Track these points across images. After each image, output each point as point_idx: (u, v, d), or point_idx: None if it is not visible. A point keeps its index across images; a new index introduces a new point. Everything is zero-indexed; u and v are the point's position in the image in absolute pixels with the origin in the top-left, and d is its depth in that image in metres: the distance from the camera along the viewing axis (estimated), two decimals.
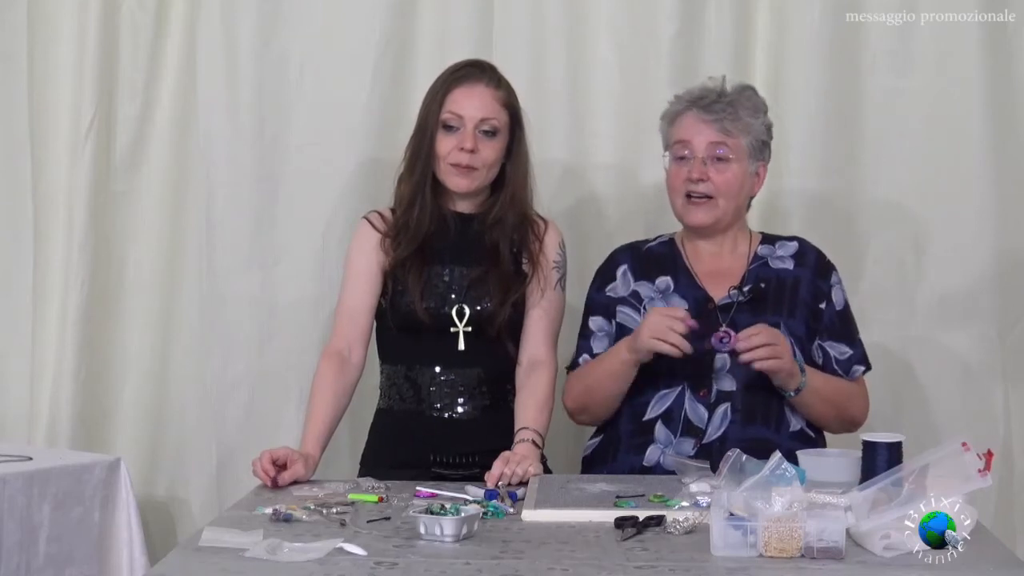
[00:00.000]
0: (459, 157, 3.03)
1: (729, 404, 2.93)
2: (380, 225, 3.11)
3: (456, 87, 3.05)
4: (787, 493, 2.25)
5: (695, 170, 3.00)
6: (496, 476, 2.76)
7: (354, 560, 2.22)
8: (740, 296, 2.99)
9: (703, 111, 3.02)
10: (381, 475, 2.91)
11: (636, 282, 3.07)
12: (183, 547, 2.36)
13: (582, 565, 2.20)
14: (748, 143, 3.02)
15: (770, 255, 3.08)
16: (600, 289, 3.11)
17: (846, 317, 3.08)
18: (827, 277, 3.07)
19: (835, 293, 3.07)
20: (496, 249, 3.06)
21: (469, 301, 3.03)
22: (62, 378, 3.59)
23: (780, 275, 3.04)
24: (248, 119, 3.59)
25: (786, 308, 3.00)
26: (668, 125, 3.09)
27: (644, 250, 3.14)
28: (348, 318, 3.08)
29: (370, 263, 3.08)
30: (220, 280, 3.61)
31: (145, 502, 3.48)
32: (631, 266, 3.10)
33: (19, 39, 3.63)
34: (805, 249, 3.10)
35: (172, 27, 3.62)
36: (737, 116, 3.01)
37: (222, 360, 3.62)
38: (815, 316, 3.02)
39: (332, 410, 3.00)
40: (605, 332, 3.07)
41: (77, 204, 3.58)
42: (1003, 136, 3.52)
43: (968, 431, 3.28)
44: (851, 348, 3.05)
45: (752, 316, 2.95)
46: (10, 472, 3.05)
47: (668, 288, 3.05)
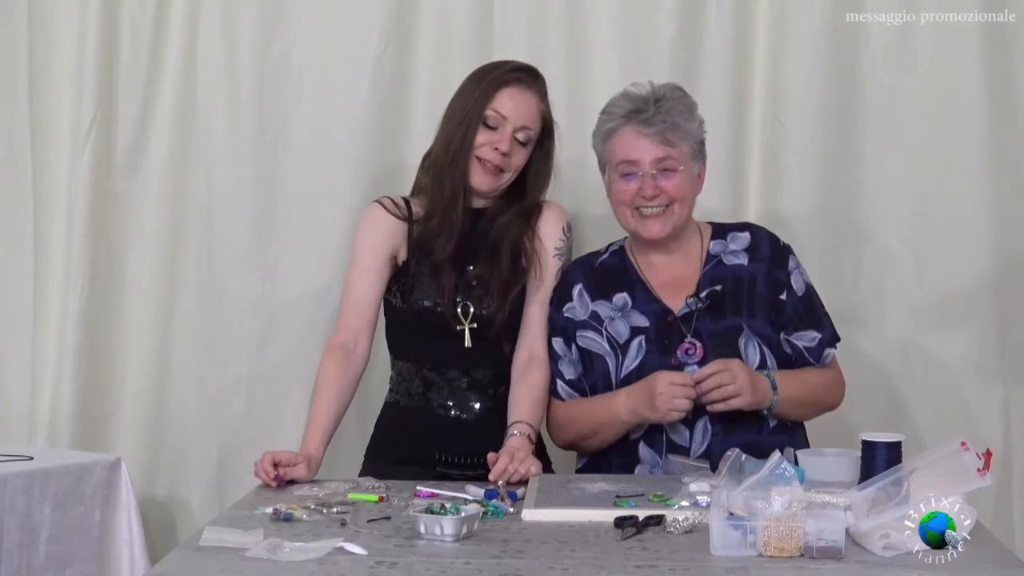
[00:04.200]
0: (491, 155, 3.02)
1: (706, 417, 2.90)
2: (394, 210, 3.09)
3: (506, 87, 3.03)
4: (786, 493, 2.25)
5: (647, 187, 2.95)
6: (500, 470, 2.76)
7: (354, 560, 2.22)
8: (698, 303, 2.96)
9: (642, 125, 2.95)
10: (385, 469, 2.91)
11: (593, 302, 3.03)
12: (183, 547, 2.36)
13: (582, 565, 2.20)
14: (689, 147, 2.99)
15: (723, 252, 3.04)
16: (559, 308, 3.05)
17: (809, 300, 3.03)
18: (783, 265, 3.03)
19: (794, 279, 3.02)
20: (497, 247, 3.05)
21: (474, 300, 3.02)
22: (62, 378, 3.59)
23: (736, 272, 3.00)
24: (248, 119, 3.59)
25: (745, 307, 2.97)
26: (603, 142, 3.02)
27: (597, 265, 3.09)
28: (354, 308, 3.07)
29: (380, 249, 3.07)
30: (220, 280, 3.61)
31: (145, 502, 3.48)
32: (586, 284, 3.05)
33: (19, 39, 3.63)
34: (757, 239, 3.05)
35: (172, 27, 3.62)
36: (676, 124, 2.95)
37: (222, 360, 3.62)
38: (777, 309, 2.98)
39: (335, 407, 2.99)
40: (569, 359, 3.03)
41: (77, 204, 3.58)
42: (1003, 136, 3.52)
43: (968, 431, 3.30)
44: (819, 331, 3.01)
45: (714, 322, 2.94)
46: (10, 472, 3.05)
47: (626, 305, 3.01)
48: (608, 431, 2.96)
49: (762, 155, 3.52)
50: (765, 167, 3.53)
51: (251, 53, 3.59)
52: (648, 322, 2.97)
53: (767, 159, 3.54)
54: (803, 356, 2.99)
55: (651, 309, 2.99)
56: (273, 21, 3.59)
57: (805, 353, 2.99)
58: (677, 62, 3.53)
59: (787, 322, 2.99)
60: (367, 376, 3.13)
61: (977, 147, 3.52)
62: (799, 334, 3.00)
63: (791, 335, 2.99)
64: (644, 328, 2.97)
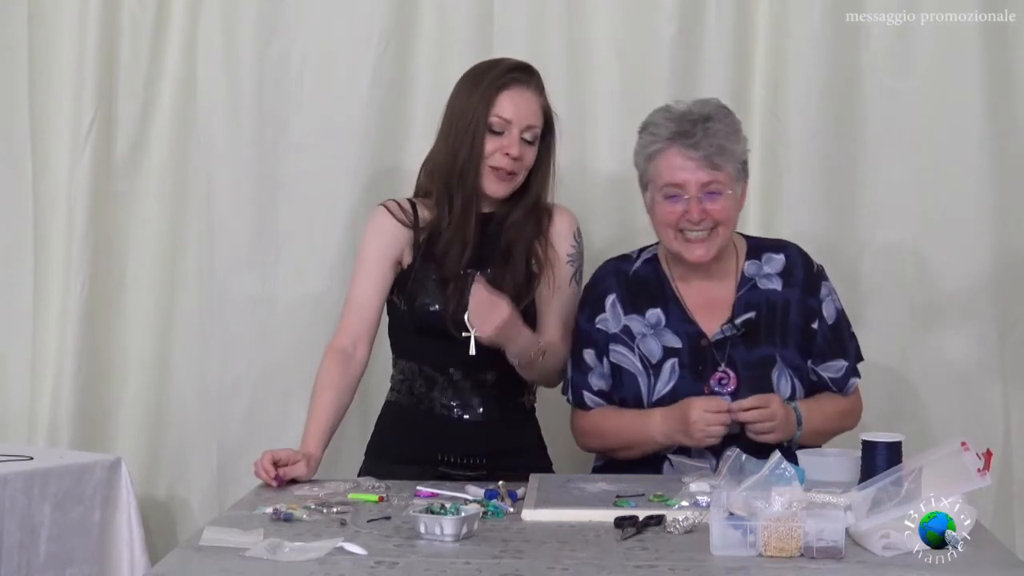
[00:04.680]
0: (503, 162, 2.99)
1: (736, 446, 2.82)
2: (400, 215, 3.06)
3: (506, 90, 3.00)
4: (787, 493, 2.25)
5: (693, 211, 2.89)
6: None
7: (354, 560, 2.22)
8: (733, 331, 2.93)
9: (688, 149, 2.88)
10: (386, 468, 2.91)
11: (626, 316, 2.98)
12: (183, 547, 2.36)
13: (582, 565, 2.20)
14: (734, 169, 2.93)
15: (757, 274, 2.99)
16: (590, 319, 3.01)
17: (839, 328, 3.01)
18: (816, 292, 3.00)
19: (826, 307, 2.99)
20: (510, 251, 3.04)
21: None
22: (62, 378, 3.60)
23: (769, 298, 2.97)
24: (248, 119, 3.60)
25: (779, 336, 2.94)
26: (647, 162, 2.95)
27: (631, 275, 3.03)
28: (356, 312, 3.05)
29: (385, 254, 3.05)
30: (220, 280, 3.61)
31: (145, 502, 3.48)
32: (620, 296, 3.00)
33: (19, 39, 3.63)
34: (792, 264, 3.01)
35: (172, 27, 3.62)
36: (722, 148, 2.88)
37: (222, 360, 3.62)
38: (807, 338, 2.96)
39: (335, 408, 2.98)
40: (600, 372, 3.00)
41: (77, 204, 3.59)
42: (1003, 136, 3.52)
43: (967, 431, 3.29)
44: (846, 360, 2.99)
45: (748, 351, 2.91)
46: (10, 472, 3.05)
47: (659, 323, 2.96)
48: (641, 448, 2.94)
49: (762, 155, 3.52)
50: (765, 167, 3.53)
51: (251, 53, 3.59)
52: (681, 344, 2.94)
53: (767, 159, 3.54)
54: (827, 386, 2.98)
55: (685, 331, 2.95)
56: (273, 21, 3.59)
57: (830, 384, 2.98)
58: (677, 62, 3.53)
59: (816, 352, 2.97)
60: (367, 376, 3.12)
61: (977, 147, 3.52)
62: (827, 364, 2.98)
63: (818, 365, 2.97)
64: (677, 350, 2.94)
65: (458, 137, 3.01)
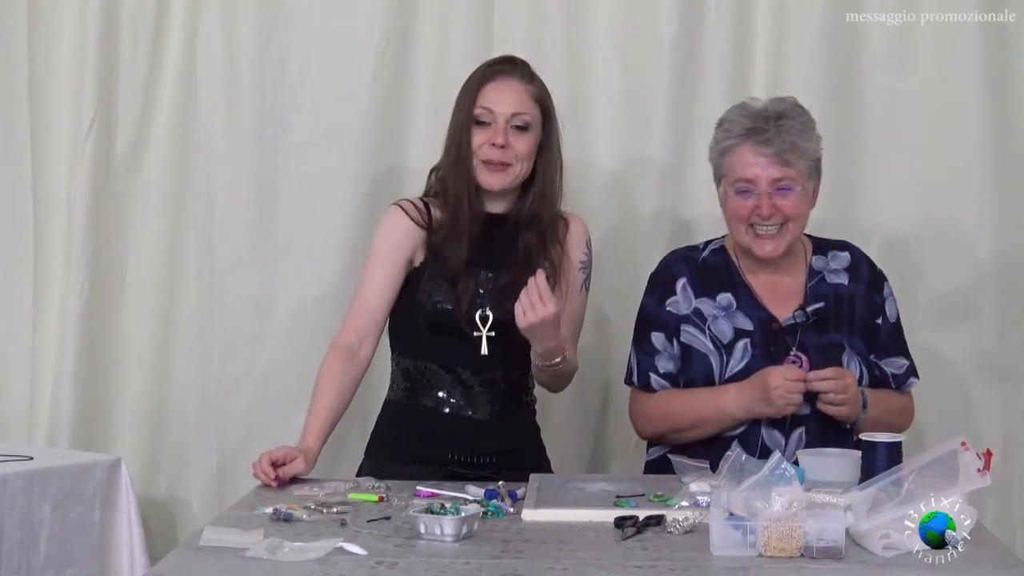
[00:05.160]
0: (491, 153, 3.00)
1: (803, 428, 2.91)
2: (414, 214, 3.04)
3: (488, 82, 3.02)
4: (787, 493, 2.25)
5: (763, 206, 2.93)
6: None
7: (354, 560, 2.22)
8: (805, 317, 2.97)
9: (760, 144, 2.93)
10: (391, 468, 2.90)
11: (697, 298, 3.02)
12: (183, 547, 2.36)
13: (582, 565, 2.20)
14: (806, 167, 2.96)
15: (825, 268, 3.04)
16: (660, 302, 3.04)
17: (900, 329, 3.07)
18: (880, 290, 3.05)
19: (888, 306, 3.05)
20: (527, 252, 3.03)
21: (495, 306, 2.97)
22: (62, 378, 3.59)
23: (837, 291, 3.02)
24: (248, 119, 3.59)
25: (846, 326, 2.99)
26: (720, 156, 3.00)
27: (700, 262, 3.07)
28: (364, 311, 3.04)
29: (399, 253, 3.03)
30: (220, 280, 3.61)
31: (145, 502, 3.47)
32: (690, 279, 3.04)
33: (19, 40, 3.63)
34: (858, 261, 3.07)
35: (172, 27, 3.62)
36: (794, 144, 2.93)
37: (222, 360, 3.62)
38: (872, 333, 3.01)
39: (336, 404, 2.97)
40: (669, 354, 3.02)
41: (77, 204, 3.58)
42: (1003, 136, 3.53)
43: (968, 431, 3.29)
44: (907, 359, 3.05)
45: (818, 336, 2.95)
46: (10, 472, 3.05)
47: (731, 306, 3.00)
48: (711, 425, 2.95)
49: None
50: None
51: (251, 53, 3.59)
52: (752, 326, 2.97)
53: None
54: (888, 381, 3.01)
55: (756, 315, 2.98)
56: (273, 21, 3.59)
57: (891, 379, 3.01)
58: (677, 62, 3.54)
59: (880, 346, 3.01)
60: (369, 374, 3.12)
61: (977, 147, 3.53)
62: (889, 360, 3.02)
63: (882, 359, 3.01)
64: (749, 332, 2.97)
65: (452, 136, 3.04)
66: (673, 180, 3.56)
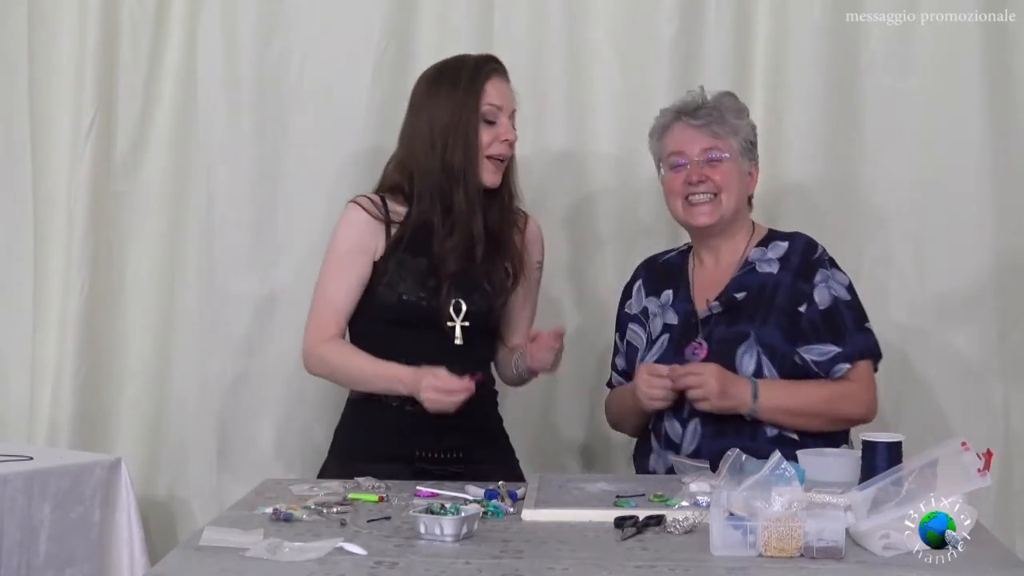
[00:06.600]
0: (502, 149, 3.02)
1: (698, 419, 2.95)
2: (373, 209, 3.04)
3: (489, 80, 3.03)
4: (787, 493, 2.25)
5: (693, 173, 3.03)
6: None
7: (354, 560, 2.22)
8: (716, 308, 3.02)
9: (689, 118, 3.06)
10: (355, 467, 2.88)
11: (647, 297, 3.14)
12: (183, 547, 2.36)
13: (582, 565, 2.20)
14: (738, 143, 3.06)
15: (759, 259, 3.06)
16: (623, 305, 3.20)
17: (832, 315, 3.01)
18: (810, 278, 3.02)
19: (818, 293, 3.01)
20: (494, 237, 3.04)
21: (469, 297, 2.99)
22: (62, 378, 3.60)
23: (763, 280, 3.03)
24: (248, 119, 3.60)
25: (760, 316, 2.99)
26: (657, 140, 3.12)
27: (660, 263, 3.20)
28: (331, 312, 3.03)
29: (363, 249, 3.03)
30: (220, 280, 3.61)
31: (145, 502, 3.48)
32: (645, 279, 3.17)
33: (19, 40, 3.64)
34: (793, 250, 3.07)
35: (172, 27, 3.63)
36: (724, 119, 3.06)
37: (222, 360, 3.62)
38: (792, 321, 2.99)
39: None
40: (621, 352, 3.18)
41: (77, 204, 3.59)
42: (1003, 136, 3.52)
43: (968, 430, 3.30)
44: (838, 346, 2.99)
45: (727, 327, 2.99)
46: (10, 472, 3.05)
47: (667, 302, 3.10)
48: (629, 416, 3.12)
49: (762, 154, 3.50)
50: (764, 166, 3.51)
51: (251, 53, 3.59)
52: (676, 321, 3.06)
53: (767, 158, 3.52)
54: (812, 370, 2.99)
55: (683, 309, 3.07)
56: (273, 21, 3.59)
57: (813, 366, 2.98)
58: (677, 62, 3.54)
59: (800, 335, 2.99)
60: None
61: (977, 147, 3.53)
62: (810, 347, 2.98)
63: (801, 347, 2.99)
64: (672, 326, 3.06)
65: (453, 137, 2.99)
66: None
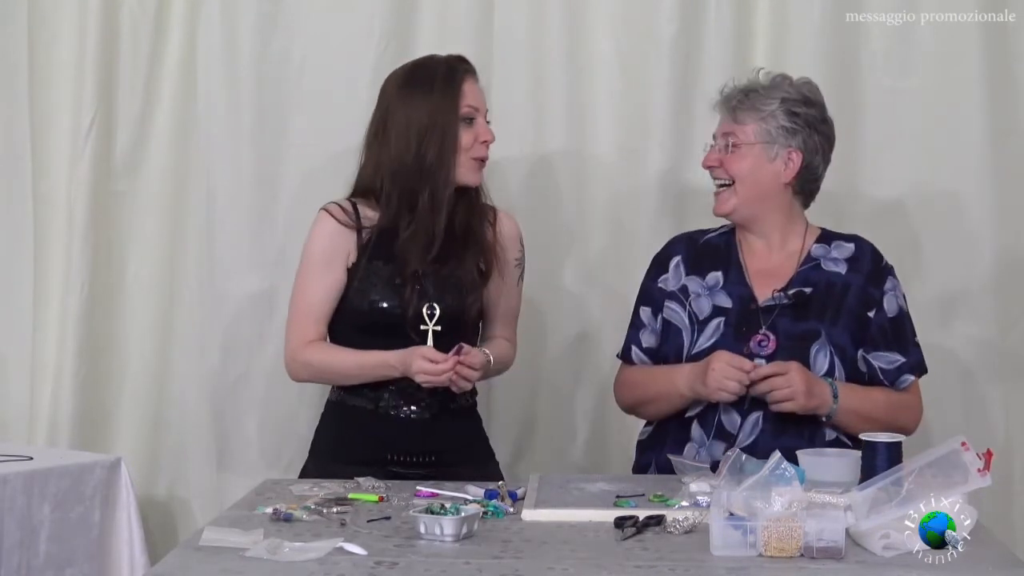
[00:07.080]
0: (482, 150, 3.01)
1: (761, 413, 2.88)
2: (343, 217, 3.03)
3: (464, 82, 3.02)
4: (787, 493, 2.25)
5: (709, 157, 3.01)
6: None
7: (354, 560, 2.22)
8: (783, 299, 2.94)
9: (723, 103, 3.02)
10: (333, 468, 2.88)
11: (687, 276, 3.03)
12: (183, 547, 2.36)
13: (582, 565, 2.20)
14: (760, 129, 2.96)
15: (823, 256, 3.01)
16: (654, 278, 3.07)
17: (899, 324, 2.99)
18: (880, 283, 2.99)
19: (887, 300, 2.98)
20: (464, 236, 3.03)
21: (441, 300, 2.96)
22: (62, 378, 3.60)
23: (831, 279, 2.98)
24: (248, 119, 3.60)
25: (830, 315, 2.94)
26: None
27: (702, 242, 3.08)
28: (310, 318, 3.01)
29: (336, 256, 3.01)
30: (220, 280, 3.61)
31: (145, 502, 3.48)
32: (685, 257, 3.06)
33: (19, 40, 3.64)
34: (861, 252, 3.03)
35: (172, 27, 3.63)
36: (751, 105, 2.97)
37: (222, 360, 3.62)
38: (862, 324, 2.95)
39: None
40: (652, 329, 3.04)
41: (77, 204, 3.59)
42: (1003, 136, 3.53)
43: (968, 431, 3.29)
44: (903, 356, 2.97)
45: (794, 321, 2.92)
46: (10, 472, 3.05)
47: (717, 284, 3.00)
48: (665, 401, 2.97)
49: None
50: None
51: (251, 52, 3.59)
52: (731, 305, 2.97)
53: None
54: (877, 376, 2.96)
55: (738, 293, 2.98)
56: (273, 20, 3.59)
57: (879, 373, 2.95)
58: (677, 62, 3.54)
59: (869, 340, 2.96)
60: None
61: (977, 147, 3.53)
62: (879, 354, 2.96)
63: (870, 353, 2.96)
64: (726, 310, 2.97)
65: (428, 138, 2.98)
66: (672, 180, 3.56)
